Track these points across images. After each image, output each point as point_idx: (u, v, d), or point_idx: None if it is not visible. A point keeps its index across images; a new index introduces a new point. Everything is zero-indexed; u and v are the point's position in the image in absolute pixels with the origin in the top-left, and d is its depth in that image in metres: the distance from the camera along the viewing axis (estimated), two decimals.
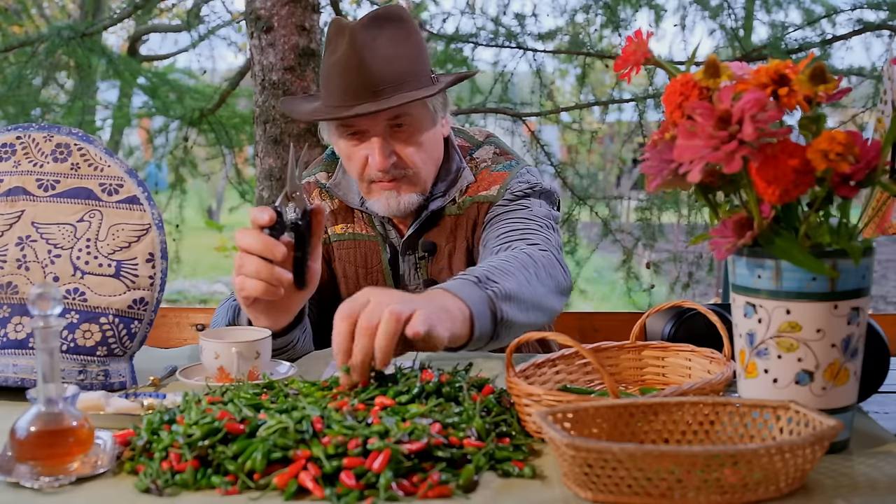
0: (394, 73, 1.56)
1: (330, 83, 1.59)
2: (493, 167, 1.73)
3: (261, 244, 1.27)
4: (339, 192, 1.74)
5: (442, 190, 1.71)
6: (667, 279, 4.88)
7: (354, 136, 1.62)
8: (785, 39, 4.10)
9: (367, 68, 1.54)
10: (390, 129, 1.61)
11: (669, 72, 1.06)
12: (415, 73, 1.59)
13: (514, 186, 1.69)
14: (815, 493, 0.92)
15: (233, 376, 1.28)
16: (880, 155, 0.95)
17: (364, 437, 0.96)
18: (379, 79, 1.55)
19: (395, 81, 1.56)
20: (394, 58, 1.57)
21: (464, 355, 1.49)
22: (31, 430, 0.97)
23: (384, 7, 1.62)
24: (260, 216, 1.28)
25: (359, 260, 1.72)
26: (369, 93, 1.55)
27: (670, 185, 1.01)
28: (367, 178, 1.64)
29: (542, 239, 1.57)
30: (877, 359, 1.21)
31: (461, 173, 1.72)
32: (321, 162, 1.82)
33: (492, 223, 1.65)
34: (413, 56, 1.60)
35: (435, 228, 1.71)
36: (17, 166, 1.37)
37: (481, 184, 1.71)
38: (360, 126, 1.60)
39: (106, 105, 5.64)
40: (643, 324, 1.31)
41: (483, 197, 1.70)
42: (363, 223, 1.74)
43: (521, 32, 4.37)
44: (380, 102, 1.55)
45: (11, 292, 1.32)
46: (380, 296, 1.13)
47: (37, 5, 7.09)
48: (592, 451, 0.88)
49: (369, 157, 1.61)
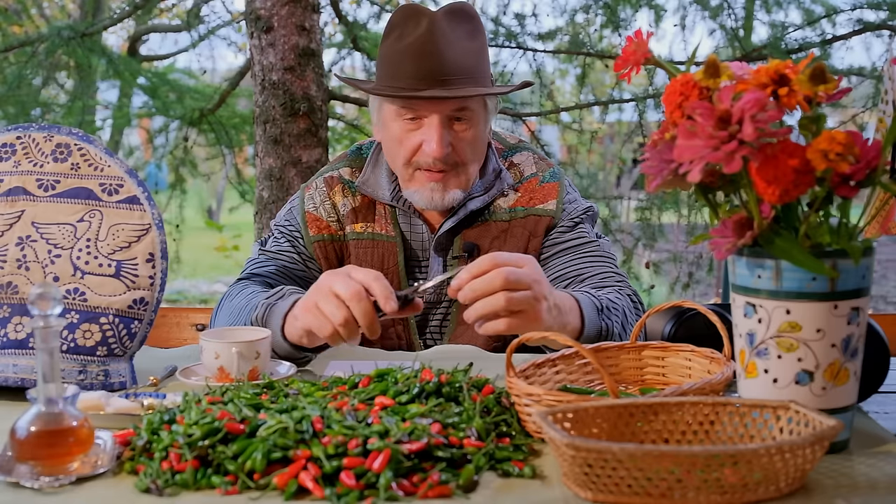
0: (465, 65, 1.60)
1: (398, 65, 1.60)
2: (540, 175, 1.75)
3: (367, 324, 1.30)
4: (368, 189, 1.73)
5: (480, 190, 1.71)
6: (667, 279, 4.88)
7: (413, 120, 1.63)
8: (785, 39, 4.10)
9: (442, 56, 1.57)
10: (450, 119, 1.62)
11: (669, 72, 1.06)
12: (481, 70, 1.63)
13: (569, 209, 1.73)
14: (815, 493, 0.93)
15: (233, 376, 1.28)
16: (880, 155, 0.95)
17: (364, 437, 0.96)
18: (452, 68, 1.58)
19: (466, 74, 1.59)
20: (467, 51, 1.60)
21: (463, 355, 1.50)
22: (31, 430, 0.97)
23: (458, 2, 1.65)
24: (385, 304, 1.29)
25: (375, 260, 1.71)
26: (439, 80, 1.57)
27: (670, 185, 1.01)
28: (416, 164, 1.64)
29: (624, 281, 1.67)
30: (877, 359, 1.21)
31: (500, 175, 1.73)
32: (345, 157, 1.81)
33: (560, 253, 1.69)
34: (482, 53, 1.65)
35: (474, 229, 1.71)
36: (18, 166, 1.37)
37: (534, 195, 1.73)
38: (423, 111, 1.62)
39: (106, 105, 5.64)
40: (643, 324, 1.31)
41: (542, 210, 1.72)
42: (384, 222, 1.73)
43: (521, 32, 4.37)
44: (451, 90, 1.57)
45: (11, 292, 1.32)
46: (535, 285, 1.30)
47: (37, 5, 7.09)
48: (592, 451, 0.88)
49: (425, 143, 1.62)
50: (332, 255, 1.72)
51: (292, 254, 1.71)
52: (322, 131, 3.49)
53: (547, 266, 1.69)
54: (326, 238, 1.71)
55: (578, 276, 1.65)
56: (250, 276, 1.67)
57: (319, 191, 1.75)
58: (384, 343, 1.69)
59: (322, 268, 1.70)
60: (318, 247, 1.71)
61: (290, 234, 1.73)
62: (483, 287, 1.28)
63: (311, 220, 1.72)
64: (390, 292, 1.30)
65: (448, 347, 1.63)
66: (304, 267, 1.70)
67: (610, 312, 1.49)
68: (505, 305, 1.28)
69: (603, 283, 1.63)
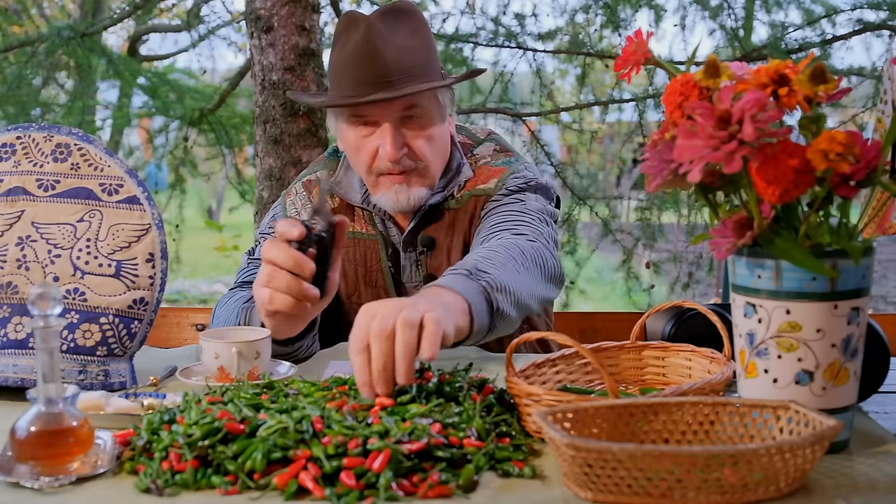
0: (408, 64, 1.57)
1: (342, 74, 1.59)
2: (492, 163, 1.74)
3: (291, 260, 1.26)
4: (341, 190, 1.74)
5: (441, 185, 1.71)
6: (667, 279, 4.88)
7: (365, 126, 1.62)
8: (785, 39, 4.09)
9: (382, 58, 1.56)
10: (402, 120, 1.61)
11: (669, 72, 1.06)
12: (428, 66, 1.61)
13: (509, 181, 1.69)
14: (815, 493, 0.93)
15: (233, 376, 1.28)
16: (880, 155, 0.95)
17: (364, 437, 0.96)
18: (394, 69, 1.56)
19: (409, 73, 1.57)
20: (408, 49, 1.58)
21: (463, 355, 1.49)
22: (31, 430, 0.97)
23: (396, 1, 1.64)
24: (290, 231, 1.26)
25: (358, 259, 1.72)
26: (383, 82, 1.56)
27: (670, 185, 1.01)
28: (376, 170, 1.63)
29: (532, 230, 1.56)
30: (877, 359, 1.21)
31: (460, 169, 1.72)
32: (322, 160, 1.83)
33: (486, 216, 1.65)
34: (425, 49, 1.62)
35: (434, 223, 1.71)
36: (17, 166, 1.37)
37: (479, 178, 1.72)
38: (372, 116, 1.61)
39: (106, 105, 5.63)
40: (643, 324, 1.31)
41: (481, 190, 1.70)
42: (363, 222, 1.73)
43: (521, 32, 4.37)
44: (395, 91, 1.56)
45: (11, 292, 1.32)
46: (383, 308, 1.09)
47: (37, 5, 7.09)
48: (592, 451, 0.88)
49: (380, 147, 1.61)
50: None
51: None
52: (322, 131, 3.49)
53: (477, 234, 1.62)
54: None
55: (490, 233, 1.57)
56: (241, 285, 1.68)
57: (300, 195, 1.77)
58: None
59: None
60: None
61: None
62: (363, 374, 1.08)
63: None
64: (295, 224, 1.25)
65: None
66: None
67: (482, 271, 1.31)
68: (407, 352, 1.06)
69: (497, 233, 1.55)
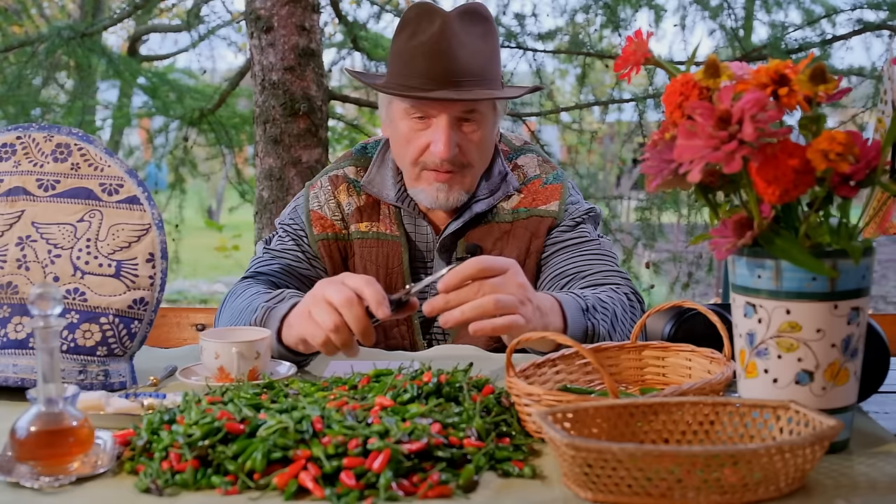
0: (476, 67, 1.59)
1: (410, 63, 1.59)
2: (543, 177, 1.75)
3: (361, 328, 1.30)
4: (373, 188, 1.73)
5: (485, 192, 1.71)
6: (667, 279, 4.88)
7: (421, 119, 1.63)
8: (785, 39, 4.10)
9: (454, 57, 1.57)
10: (458, 120, 1.62)
11: (669, 72, 1.06)
12: (492, 72, 1.63)
13: (571, 210, 1.73)
14: (815, 493, 0.93)
15: (233, 376, 1.28)
16: (880, 155, 0.95)
17: (364, 437, 0.96)
18: (463, 70, 1.58)
19: (476, 76, 1.59)
20: (478, 53, 1.60)
21: (464, 355, 1.49)
22: (31, 430, 0.97)
23: (473, 3, 1.65)
24: (377, 309, 1.29)
25: (380, 260, 1.71)
26: (451, 81, 1.57)
27: (670, 185, 1.01)
28: (422, 164, 1.64)
29: (624, 279, 1.65)
30: (877, 359, 1.21)
31: (506, 178, 1.73)
32: (350, 157, 1.81)
33: (561, 251, 1.69)
34: (492, 55, 1.64)
35: (477, 231, 1.71)
36: (18, 166, 1.37)
37: (537, 196, 1.73)
38: (432, 111, 1.62)
39: (106, 105, 5.64)
40: (643, 324, 1.31)
41: (545, 211, 1.72)
42: (389, 222, 1.73)
43: (521, 32, 4.37)
44: (461, 92, 1.57)
45: (11, 292, 1.32)
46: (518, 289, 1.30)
47: (37, 5, 7.09)
48: (592, 451, 0.88)
49: (432, 143, 1.62)
50: (337, 254, 1.72)
51: (297, 252, 1.71)
52: (322, 131, 3.49)
53: (548, 264, 1.69)
54: (331, 237, 1.71)
55: (578, 273, 1.65)
56: (255, 275, 1.67)
57: (324, 189, 1.75)
58: (387, 343, 1.69)
59: (326, 267, 1.70)
60: (323, 245, 1.71)
61: (295, 232, 1.73)
62: (470, 292, 1.28)
63: (315, 218, 1.72)
64: (383, 297, 1.29)
65: (448, 347, 1.63)
66: (308, 266, 1.70)
67: (596, 312, 1.48)
68: (493, 309, 1.27)
69: (601, 281, 1.63)
